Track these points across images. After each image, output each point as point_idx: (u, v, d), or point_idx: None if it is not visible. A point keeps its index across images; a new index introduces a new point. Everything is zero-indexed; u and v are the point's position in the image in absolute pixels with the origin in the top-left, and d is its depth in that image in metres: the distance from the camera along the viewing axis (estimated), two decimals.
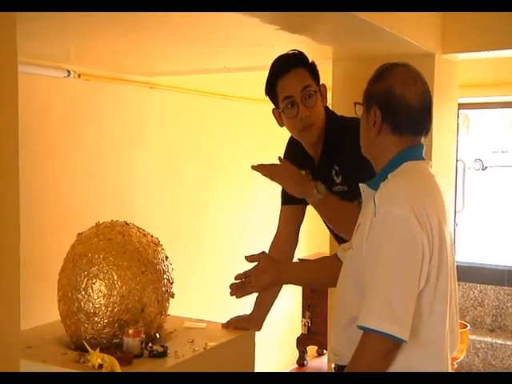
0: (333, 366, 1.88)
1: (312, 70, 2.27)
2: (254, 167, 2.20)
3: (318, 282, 2.55)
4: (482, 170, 20.27)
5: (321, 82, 2.29)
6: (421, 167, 1.78)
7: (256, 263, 2.25)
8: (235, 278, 2.28)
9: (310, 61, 2.28)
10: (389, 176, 1.72)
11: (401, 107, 1.72)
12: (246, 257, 2.24)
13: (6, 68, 1.16)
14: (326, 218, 2.28)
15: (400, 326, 1.56)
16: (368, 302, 1.61)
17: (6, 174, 1.14)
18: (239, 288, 2.28)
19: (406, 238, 1.60)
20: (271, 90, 2.27)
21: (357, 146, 1.88)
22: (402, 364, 1.63)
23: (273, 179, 2.23)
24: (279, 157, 2.30)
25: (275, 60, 2.29)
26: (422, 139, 1.79)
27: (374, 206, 1.65)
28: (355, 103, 1.86)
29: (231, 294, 2.28)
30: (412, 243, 1.59)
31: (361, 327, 1.60)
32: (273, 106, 2.32)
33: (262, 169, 2.21)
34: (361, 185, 1.83)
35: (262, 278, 2.22)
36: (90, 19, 2.26)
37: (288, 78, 2.21)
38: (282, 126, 2.33)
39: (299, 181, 2.22)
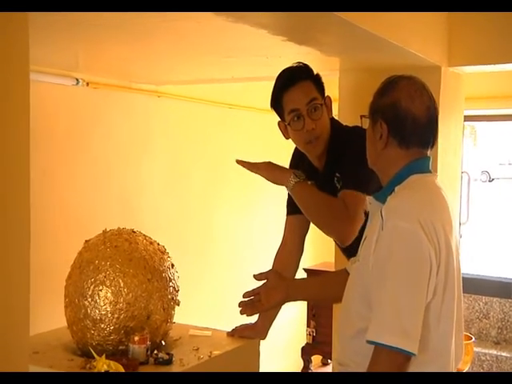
0: None
1: (317, 82, 2.27)
2: (238, 161, 2.23)
3: (328, 298, 2.51)
4: (489, 181, 20.23)
5: (326, 94, 2.31)
6: (428, 180, 1.78)
7: (264, 281, 2.24)
8: (244, 296, 2.27)
9: (315, 73, 2.28)
10: (396, 189, 1.72)
11: (407, 120, 1.73)
12: (254, 275, 2.23)
13: (18, 76, 1.18)
14: (305, 208, 2.24)
15: (410, 339, 1.56)
16: (377, 316, 1.61)
17: (17, 181, 1.16)
18: (249, 306, 2.27)
19: (414, 252, 1.60)
20: (277, 103, 2.27)
21: (356, 152, 1.90)
22: None
23: (251, 171, 2.24)
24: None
25: (280, 73, 2.29)
26: (429, 151, 1.80)
27: (381, 220, 1.65)
28: (361, 116, 1.86)
29: (241, 313, 2.27)
30: (420, 257, 1.60)
31: (371, 342, 1.60)
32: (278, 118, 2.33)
33: (244, 163, 2.24)
34: (368, 197, 1.84)
35: (272, 296, 2.22)
36: (98, 28, 2.28)
37: (294, 90, 2.22)
38: (287, 138, 2.34)
39: (277, 168, 2.24)
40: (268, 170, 2.23)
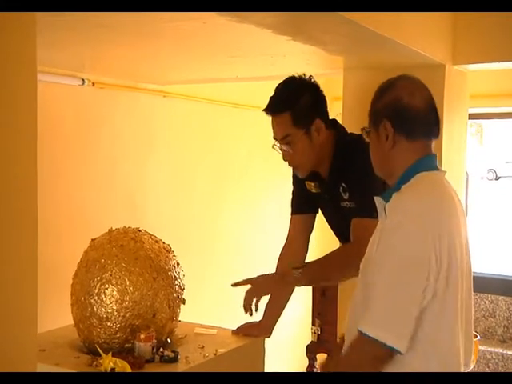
0: None
1: (297, 112, 2.22)
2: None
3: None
4: (496, 180, 20.18)
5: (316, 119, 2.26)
6: (435, 178, 1.76)
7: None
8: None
9: (302, 97, 2.23)
10: (402, 188, 1.70)
11: (410, 113, 1.72)
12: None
13: (26, 76, 1.19)
14: (325, 275, 2.33)
15: (394, 335, 1.57)
16: (370, 308, 1.61)
17: (24, 181, 1.17)
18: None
19: (415, 252, 1.59)
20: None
21: (361, 163, 1.89)
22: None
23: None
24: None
25: (271, 96, 2.30)
26: (433, 143, 1.78)
27: (384, 215, 1.66)
28: (362, 129, 1.84)
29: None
30: (419, 256, 1.59)
31: (360, 331, 1.61)
32: None
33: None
34: (375, 198, 1.83)
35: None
36: (104, 28, 2.30)
37: (273, 121, 2.29)
38: None
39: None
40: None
